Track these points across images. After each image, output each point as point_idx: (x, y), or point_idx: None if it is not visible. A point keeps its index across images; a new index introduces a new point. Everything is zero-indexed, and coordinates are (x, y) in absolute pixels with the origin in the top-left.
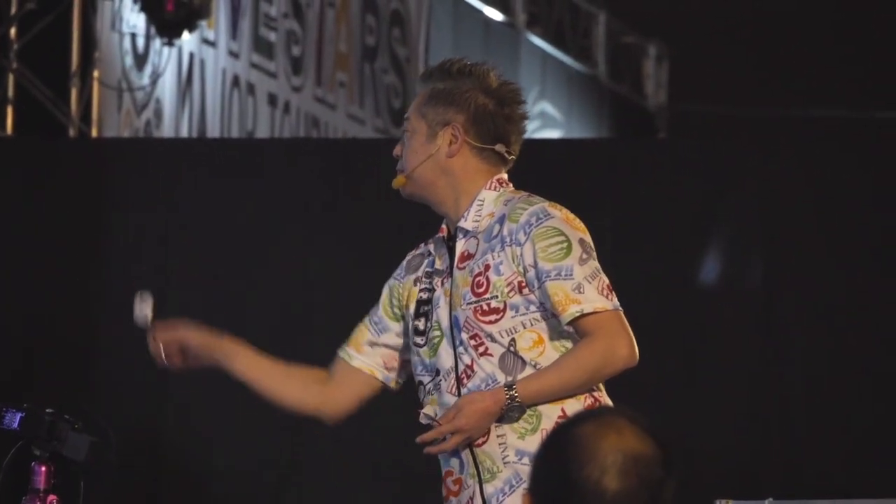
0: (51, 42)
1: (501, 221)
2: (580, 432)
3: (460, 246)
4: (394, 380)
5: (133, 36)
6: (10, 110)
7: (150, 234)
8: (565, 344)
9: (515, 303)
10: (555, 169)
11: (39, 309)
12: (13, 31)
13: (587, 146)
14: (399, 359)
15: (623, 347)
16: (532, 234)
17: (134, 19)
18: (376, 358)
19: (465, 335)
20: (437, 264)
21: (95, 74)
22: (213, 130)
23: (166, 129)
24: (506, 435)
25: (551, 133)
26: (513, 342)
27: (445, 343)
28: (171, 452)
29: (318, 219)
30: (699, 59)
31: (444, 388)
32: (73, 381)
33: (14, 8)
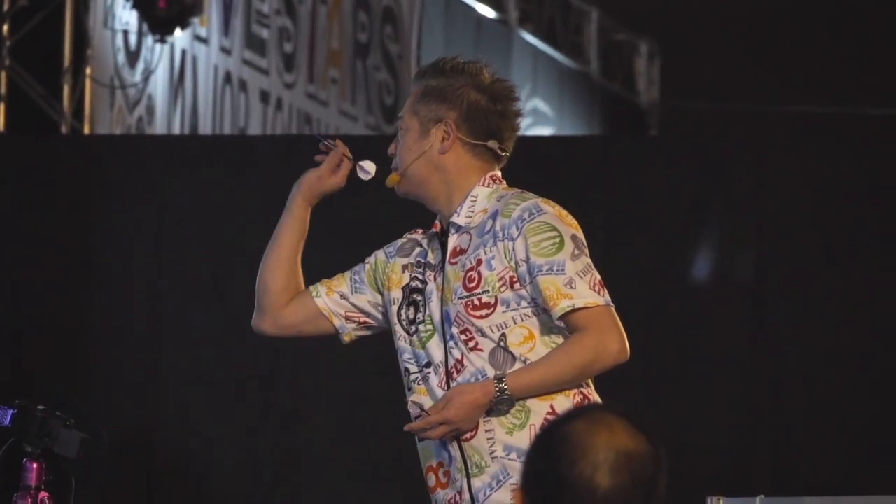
0: (43, 39)
1: (494, 217)
2: (571, 429)
3: (452, 241)
4: (348, 333)
5: (125, 33)
6: (3, 107)
7: (143, 231)
8: (556, 340)
9: (506, 298)
10: (547, 165)
11: (32, 306)
12: (5, 28)
13: (579, 143)
14: (361, 319)
15: (614, 343)
16: (524, 229)
17: (126, 16)
18: (340, 308)
19: (456, 329)
20: (430, 257)
21: (88, 71)
22: (205, 127)
23: (158, 126)
24: (494, 430)
25: (543, 130)
26: (503, 337)
27: (437, 337)
28: (164, 449)
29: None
30: (691, 56)
31: (434, 382)
32: (66, 378)
33: (6, 5)
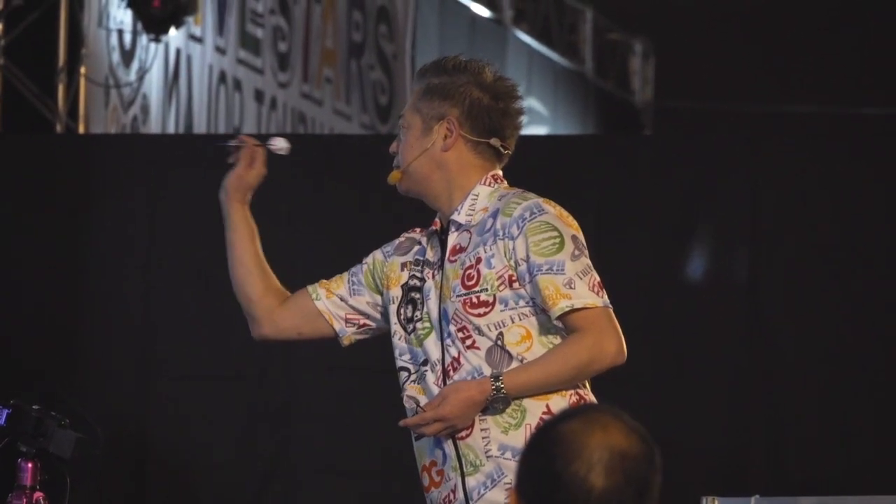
0: (38, 38)
1: (495, 216)
2: (566, 429)
3: (452, 239)
4: (348, 336)
5: (120, 32)
6: None
7: (137, 230)
8: (553, 340)
9: (505, 297)
10: (541, 165)
11: (26, 304)
12: (0, 28)
13: (573, 142)
14: (361, 321)
15: (611, 345)
16: (525, 229)
17: (121, 16)
18: (340, 311)
19: (454, 327)
20: (429, 255)
21: (82, 71)
22: (200, 126)
23: (153, 125)
24: (489, 429)
25: (538, 129)
26: (500, 336)
27: (434, 335)
28: (158, 447)
29: (304, 215)
30: (685, 56)
31: (430, 380)
32: (59, 375)
33: (1, 4)
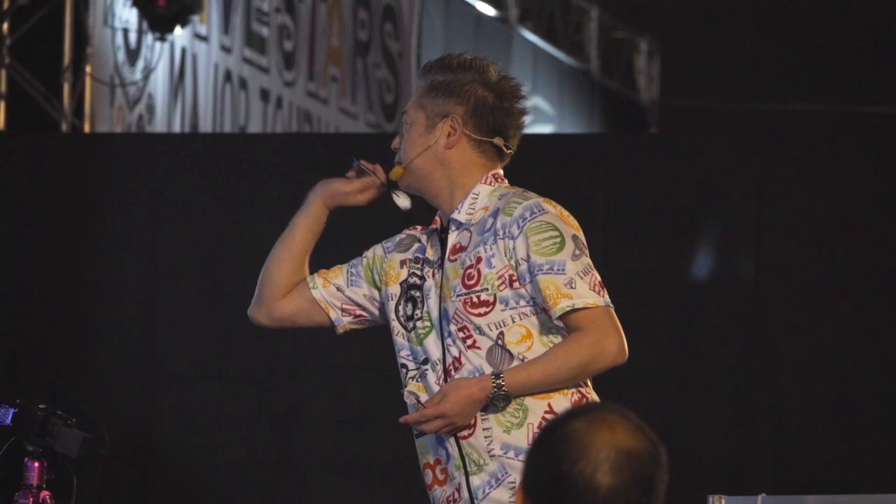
0: (43, 37)
1: (495, 215)
2: (572, 428)
3: (452, 238)
4: (344, 325)
5: (125, 31)
6: (3, 106)
7: (142, 229)
8: (553, 340)
9: (505, 296)
10: (547, 164)
11: (31, 304)
12: (5, 27)
13: (579, 141)
14: (357, 312)
15: (613, 344)
16: (525, 228)
17: (126, 14)
18: (337, 300)
19: (454, 327)
20: (429, 253)
21: (88, 70)
22: (206, 125)
23: (159, 125)
24: (492, 428)
25: (543, 128)
26: (501, 335)
27: (434, 334)
28: (165, 447)
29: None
30: (690, 54)
31: (432, 380)
32: (65, 377)
33: (6, 3)
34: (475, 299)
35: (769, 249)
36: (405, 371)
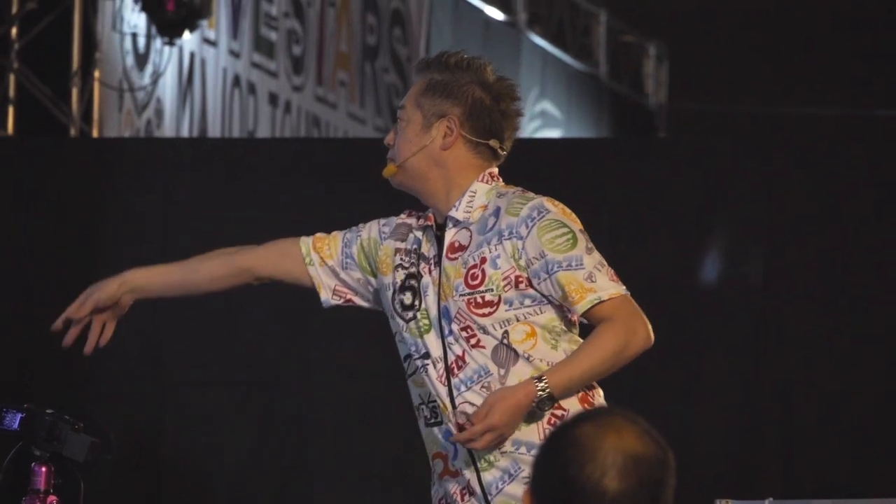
0: (52, 42)
1: (497, 214)
2: (580, 432)
3: (450, 236)
4: (331, 304)
5: (134, 36)
6: (11, 110)
7: (151, 234)
8: (557, 337)
9: (510, 297)
10: (555, 168)
11: (39, 308)
12: (14, 31)
13: (587, 145)
14: (348, 296)
15: (641, 329)
16: (535, 228)
17: (135, 19)
18: (331, 282)
19: (457, 326)
20: (424, 249)
21: (96, 74)
22: (214, 130)
23: (167, 129)
24: None
25: (552, 132)
26: (506, 334)
27: (434, 332)
28: (172, 452)
29: (318, 218)
30: (699, 58)
31: (433, 376)
32: (74, 381)
33: (15, 8)
34: (479, 299)
35: (778, 253)
36: (410, 360)
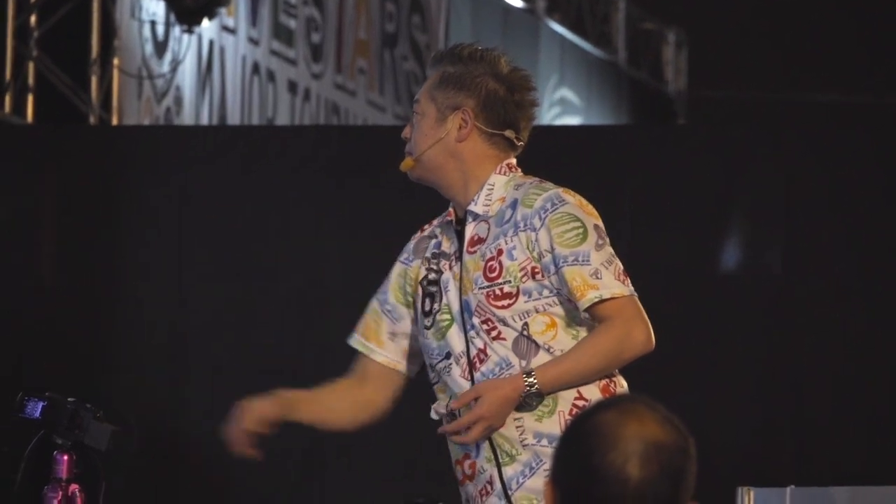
0: (70, 30)
1: (514, 206)
2: (601, 420)
3: (470, 230)
4: (413, 370)
5: (153, 23)
6: (31, 98)
7: (170, 222)
8: (578, 328)
9: (528, 288)
10: (575, 155)
11: (59, 297)
12: (33, 20)
13: (607, 132)
14: (415, 346)
15: (640, 333)
16: (547, 220)
17: (153, 7)
18: (397, 351)
19: (477, 319)
20: (445, 247)
21: (115, 62)
22: (234, 118)
23: (186, 117)
24: (523, 418)
25: (571, 119)
26: (525, 326)
27: (456, 327)
28: (191, 441)
29: (338, 206)
30: (718, 45)
31: (456, 373)
32: (95, 370)
33: None
34: (498, 292)
35: (797, 241)
36: (432, 371)
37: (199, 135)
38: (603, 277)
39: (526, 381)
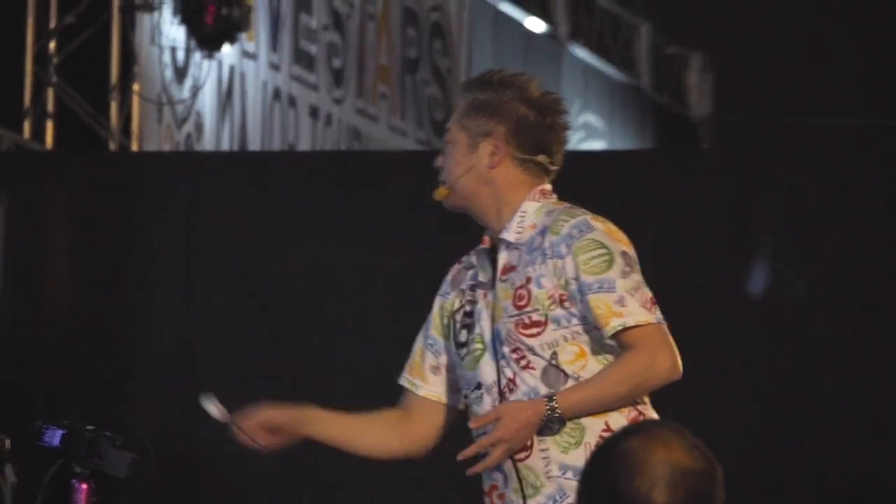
0: (90, 56)
1: (543, 233)
2: (628, 446)
3: (503, 258)
4: (461, 401)
5: (173, 49)
6: (51, 124)
7: (191, 247)
8: (608, 357)
9: (557, 316)
10: (598, 179)
11: (77, 321)
12: (53, 46)
13: (629, 156)
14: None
15: (665, 361)
16: (574, 247)
17: (173, 32)
18: (441, 384)
19: (507, 348)
20: (481, 276)
21: (135, 88)
22: (255, 143)
23: (207, 142)
24: (549, 449)
25: (595, 144)
26: (554, 355)
27: (488, 356)
28: (204, 458)
29: (346, 216)
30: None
31: (487, 403)
32: (108, 390)
33: (54, 22)
34: (526, 320)
35: (820, 265)
36: (466, 401)
37: (221, 160)
38: (628, 305)
39: (547, 406)
